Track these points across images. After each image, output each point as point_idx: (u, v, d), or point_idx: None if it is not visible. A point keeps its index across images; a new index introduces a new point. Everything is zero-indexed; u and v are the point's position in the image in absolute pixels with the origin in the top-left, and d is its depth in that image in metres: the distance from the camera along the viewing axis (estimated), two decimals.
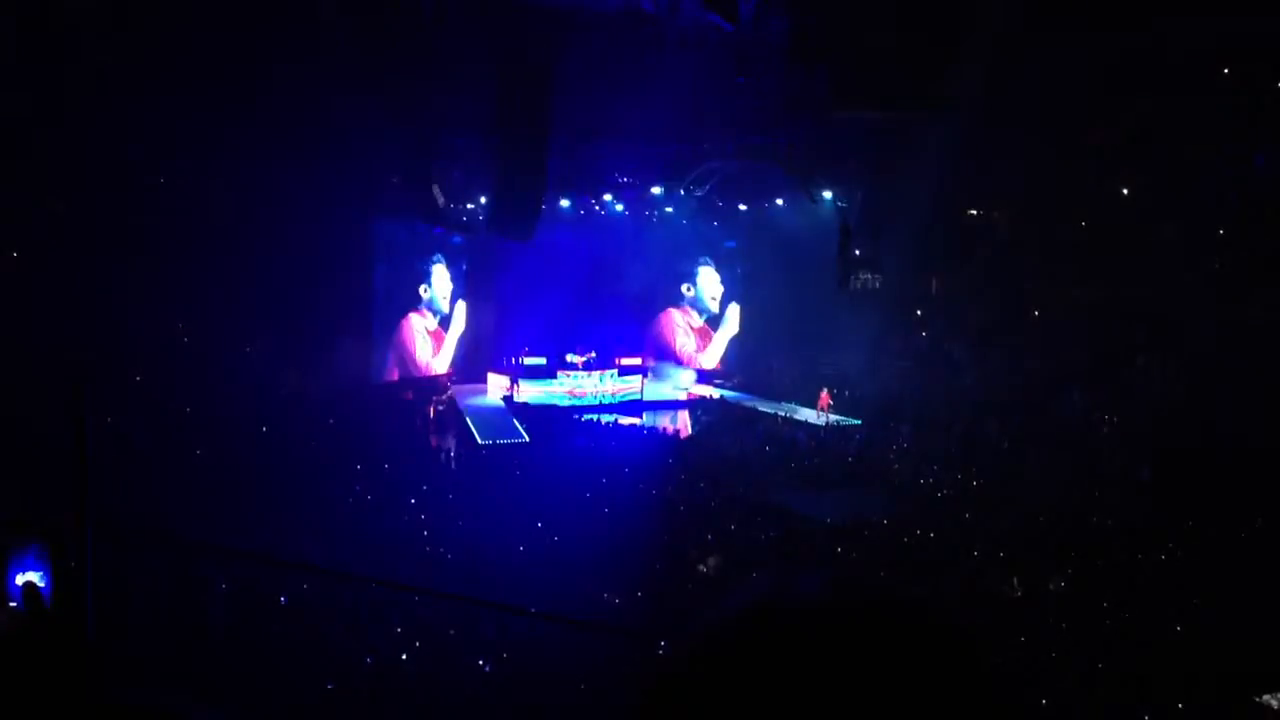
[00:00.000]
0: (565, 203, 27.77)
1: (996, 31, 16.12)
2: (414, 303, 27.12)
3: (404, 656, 11.02)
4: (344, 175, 21.19)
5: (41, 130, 16.03)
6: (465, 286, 28.48)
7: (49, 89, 15.77)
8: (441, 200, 21.46)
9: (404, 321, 26.89)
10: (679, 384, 28.34)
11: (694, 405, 26.95)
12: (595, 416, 25.55)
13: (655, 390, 27.92)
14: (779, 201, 27.87)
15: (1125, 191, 20.32)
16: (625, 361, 27.92)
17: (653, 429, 24.93)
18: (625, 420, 25.70)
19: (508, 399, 25.92)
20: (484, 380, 27.13)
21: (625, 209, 28.94)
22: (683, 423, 25.57)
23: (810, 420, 24.88)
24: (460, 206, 25.05)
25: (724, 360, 30.72)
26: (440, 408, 25.20)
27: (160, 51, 16.33)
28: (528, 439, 22.85)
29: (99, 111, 16.49)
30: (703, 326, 31.12)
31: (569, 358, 26.91)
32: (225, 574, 12.04)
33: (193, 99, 17.24)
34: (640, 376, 27.63)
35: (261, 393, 20.14)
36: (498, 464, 20.15)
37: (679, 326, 31.05)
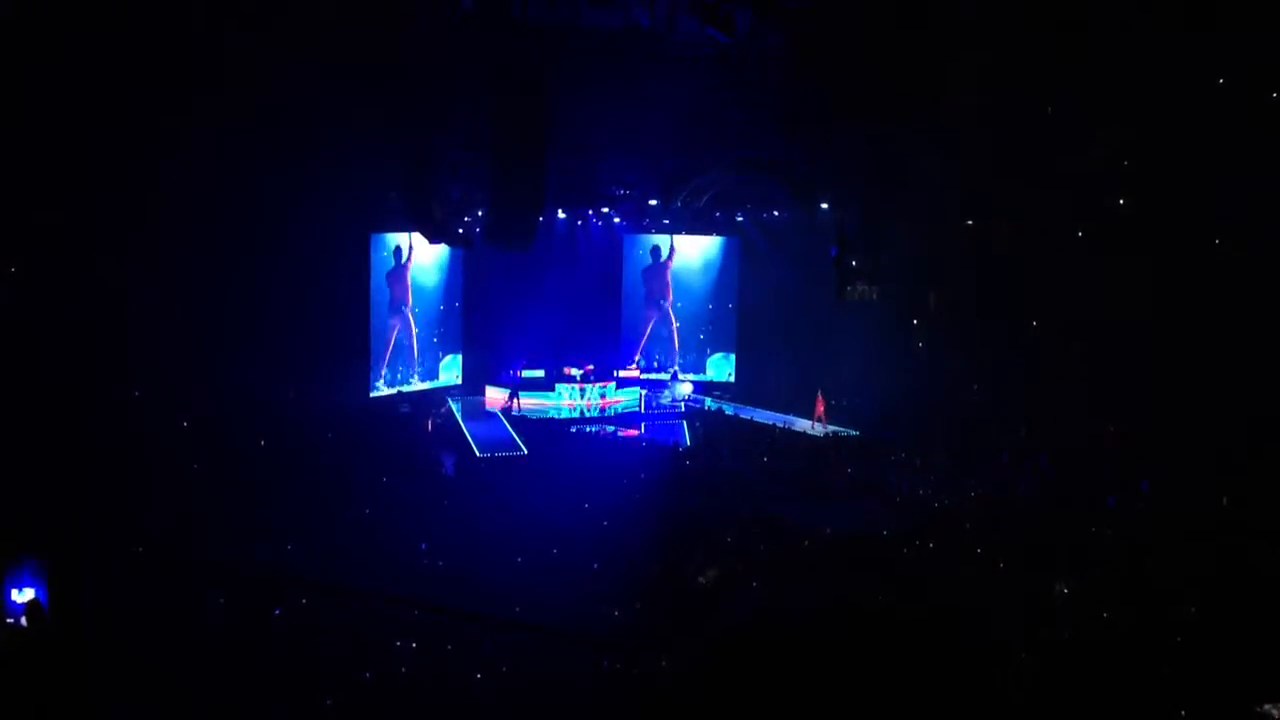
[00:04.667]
0: (562, 214, 27.88)
1: (994, 42, 16.20)
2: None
3: (403, 670, 11.00)
4: (342, 190, 21.23)
5: (41, 141, 16.05)
6: (464, 298, 28.47)
7: (47, 98, 15.80)
8: (440, 214, 21.49)
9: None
10: (677, 395, 28.32)
11: (692, 416, 26.96)
12: (593, 428, 25.55)
13: (654, 401, 27.90)
14: (776, 213, 27.93)
15: (1122, 202, 20.32)
16: (623, 374, 27.93)
17: (651, 441, 24.92)
18: (624, 432, 25.70)
19: (506, 411, 25.92)
20: (482, 393, 27.12)
21: (622, 220, 29.00)
22: (681, 434, 25.57)
23: (809, 431, 24.90)
24: (459, 219, 25.10)
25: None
26: (438, 420, 25.18)
27: (159, 65, 16.37)
28: (526, 451, 22.85)
29: (98, 123, 16.52)
30: None
31: (567, 370, 26.93)
32: (223, 588, 12.03)
33: (192, 113, 17.28)
34: (639, 389, 27.63)
35: (259, 407, 20.14)
36: (496, 476, 20.13)
37: None
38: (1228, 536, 15.35)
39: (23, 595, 8.76)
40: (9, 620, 8.59)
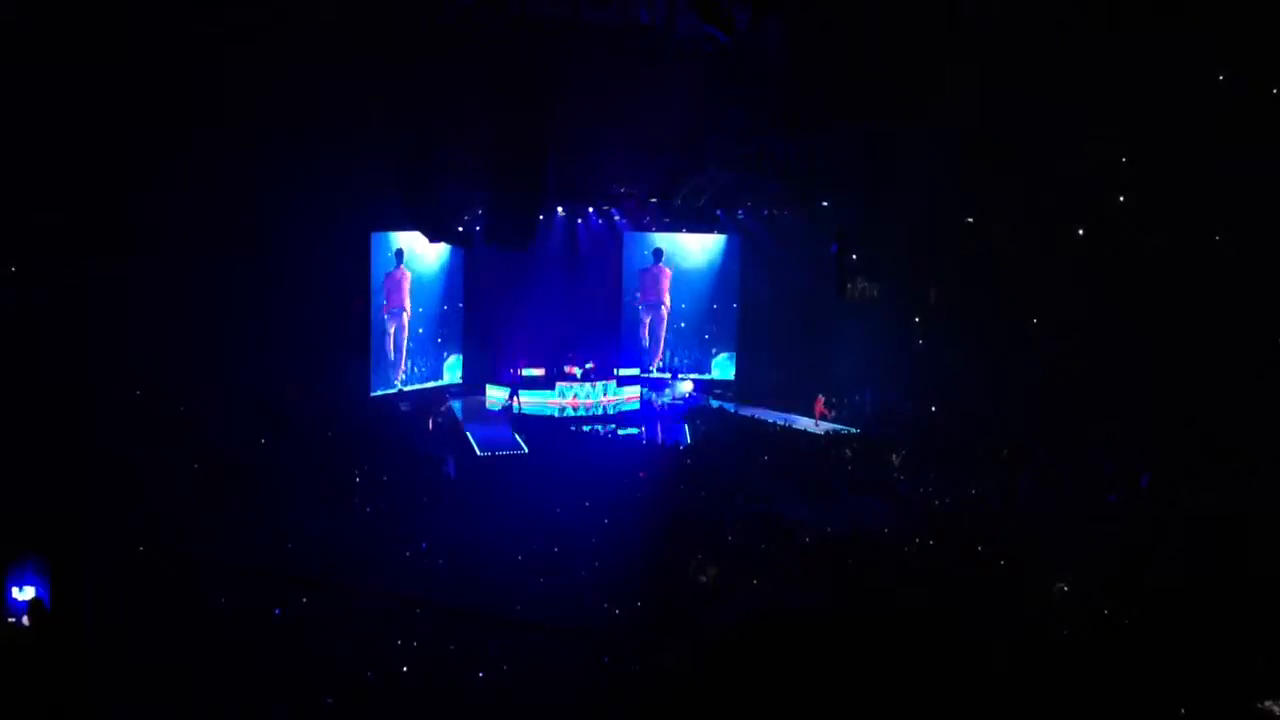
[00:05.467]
0: (562, 212, 27.89)
1: (992, 41, 16.20)
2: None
3: (405, 670, 11.00)
4: (342, 189, 21.21)
5: (40, 140, 16.05)
6: (464, 298, 28.46)
7: (46, 99, 15.79)
8: (439, 213, 21.49)
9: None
10: (678, 393, 28.32)
11: (692, 414, 26.94)
12: (594, 427, 25.53)
13: (655, 400, 27.88)
14: (776, 212, 27.92)
15: (1122, 199, 20.33)
16: (623, 372, 27.90)
17: (651, 439, 24.90)
18: (624, 430, 25.68)
19: (506, 410, 25.92)
20: (482, 391, 27.12)
21: (622, 219, 29.00)
22: (681, 433, 25.55)
23: (809, 429, 24.90)
24: (458, 219, 25.10)
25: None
26: (438, 419, 25.17)
27: (159, 64, 16.37)
28: (526, 450, 22.84)
29: (96, 122, 16.52)
30: None
31: (567, 369, 26.91)
32: (224, 587, 12.03)
33: (192, 113, 17.28)
34: (639, 387, 27.62)
35: (260, 406, 20.14)
36: (496, 475, 20.13)
37: None
38: (1228, 533, 15.35)
39: (24, 594, 8.77)
40: (10, 619, 8.61)
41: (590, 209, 28.54)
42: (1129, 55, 16.75)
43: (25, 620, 8.13)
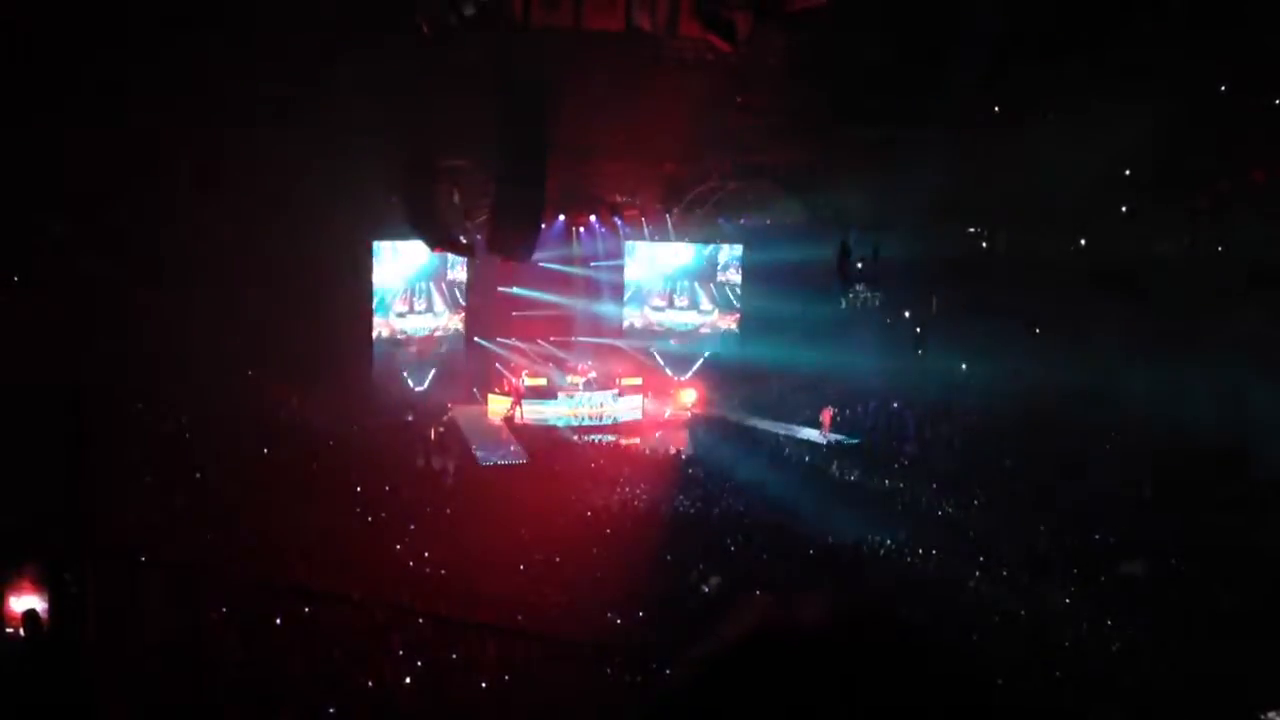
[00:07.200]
0: (563, 219, 27.90)
1: (995, 47, 16.20)
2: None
3: (406, 679, 10.95)
4: (343, 196, 21.22)
5: (40, 141, 16.05)
6: (466, 304, 28.47)
7: (44, 106, 15.79)
8: (440, 221, 21.50)
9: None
10: (681, 403, 28.28)
11: (695, 425, 26.89)
12: (596, 437, 25.48)
13: (656, 409, 27.82)
14: (778, 219, 27.88)
15: (1124, 209, 20.32)
16: (626, 381, 27.85)
17: (654, 449, 24.85)
18: (626, 440, 25.63)
19: (509, 420, 25.89)
20: (485, 401, 27.09)
21: (625, 226, 28.98)
22: (684, 442, 25.49)
23: (812, 439, 24.83)
24: (459, 226, 25.12)
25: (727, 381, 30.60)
26: (441, 429, 25.15)
27: (160, 70, 16.38)
28: (528, 459, 22.81)
29: (98, 125, 16.53)
30: None
31: (569, 378, 26.88)
32: (224, 598, 11.98)
33: (193, 119, 17.30)
34: (641, 396, 27.57)
35: (262, 415, 20.12)
36: (498, 485, 20.10)
37: None
38: (1229, 541, 15.30)
39: (20, 604, 8.71)
40: (7, 630, 8.54)
41: (592, 217, 28.55)
42: (1129, 58, 16.73)
43: (21, 631, 8.08)
